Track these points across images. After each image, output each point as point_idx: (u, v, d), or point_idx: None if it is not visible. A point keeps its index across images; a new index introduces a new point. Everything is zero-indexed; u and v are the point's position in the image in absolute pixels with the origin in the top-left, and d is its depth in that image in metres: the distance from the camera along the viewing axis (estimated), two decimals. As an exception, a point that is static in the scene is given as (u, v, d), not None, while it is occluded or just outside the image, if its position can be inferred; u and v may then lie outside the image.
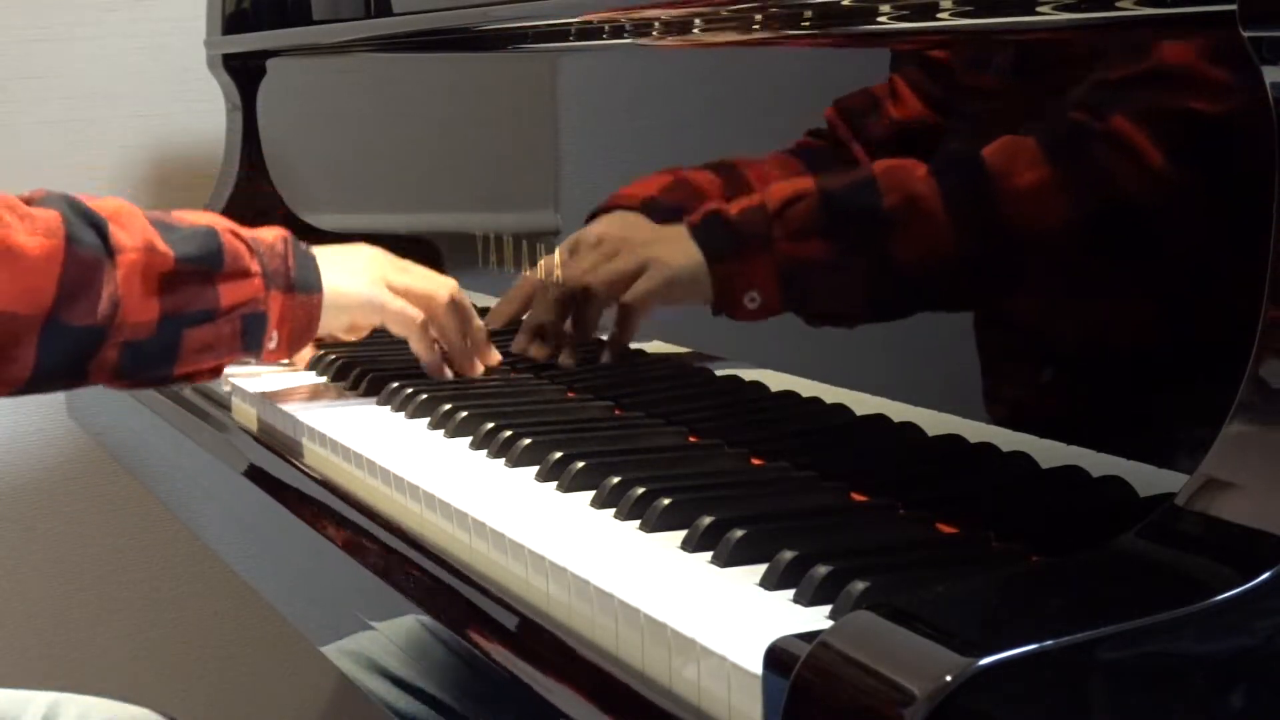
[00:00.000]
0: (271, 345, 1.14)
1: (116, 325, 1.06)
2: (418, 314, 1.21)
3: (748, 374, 1.08)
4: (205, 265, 1.10)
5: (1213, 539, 0.64)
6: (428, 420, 1.13)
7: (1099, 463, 0.79)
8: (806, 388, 1.01)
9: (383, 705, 1.00)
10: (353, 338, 1.28)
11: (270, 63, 1.87)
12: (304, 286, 1.15)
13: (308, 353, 1.33)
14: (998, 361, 0.87)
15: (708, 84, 1.13)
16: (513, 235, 1.35)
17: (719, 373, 1.11)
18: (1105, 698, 0.58)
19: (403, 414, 1.16)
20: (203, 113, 2.04)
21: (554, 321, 1.23)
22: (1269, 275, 0.65)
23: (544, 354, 1.23)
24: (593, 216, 1.22)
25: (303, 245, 1.17)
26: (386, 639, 0.98)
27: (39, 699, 1.22)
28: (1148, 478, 0.76)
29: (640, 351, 1.18)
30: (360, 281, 1.20)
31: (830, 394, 0.99)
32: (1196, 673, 0.60)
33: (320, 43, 1.79)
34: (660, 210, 1.14)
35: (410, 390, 1.18)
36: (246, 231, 1.14)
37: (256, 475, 1.20)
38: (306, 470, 1.13)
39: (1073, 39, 0.81)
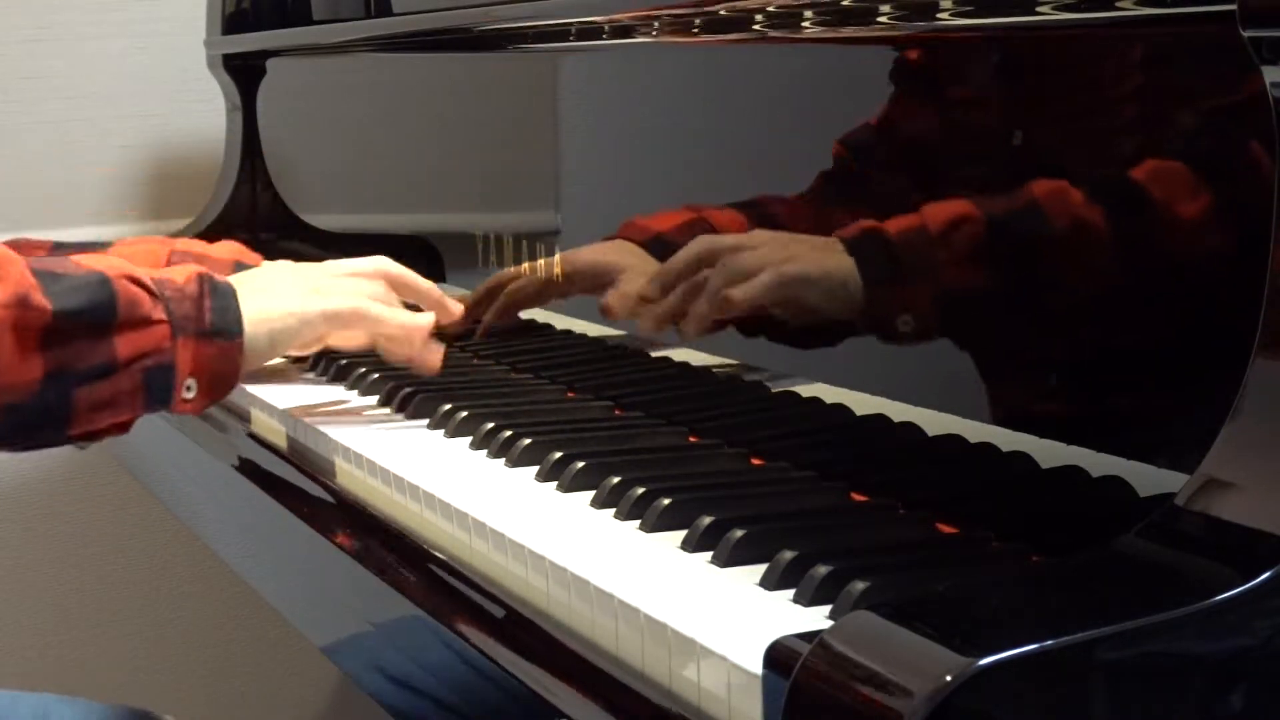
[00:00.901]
0: (189, 395, 1.06)
1: None
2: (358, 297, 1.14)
3: (748, 374, 1.08)
4: (94, 318, 1.00)
5: (1213, 539, 0.64)
6: (427, 420, 1.13)
7: (1099, 463, 0.79)
8: (806, 388, 1.01)
9: (382, 705, 1.00)
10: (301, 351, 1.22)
11: (270, 63, 1.87)
12: (222, 332, 1.06)
13: None
14: (997, 361, 0.87)
15: (708, 84, 1.13)
16: (513, 235, 1.35)
17: (719, 373, 1.11)
18: (1105, 698, 0.58)
19: (402, 414, 1.16)
20: (203, 113, 2.04)
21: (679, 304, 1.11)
22: (1269, 275, 0.65)
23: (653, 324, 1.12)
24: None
25: (221, 283, 1.08)
26: (386, 639, 0.98)
27: (28, 700, 1.22)
28: (1148, 478, 0.76)
29: (640, 352, 1.18)
30: (289, 301, 1.11)
31: (830, 394, 0.99)
32: (1196, 673, 0.60)
33: (320, 43, 1.79)
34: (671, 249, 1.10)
35: (410, 390, 1.18)
36: (153, 274, 1.05)
37: (253, 474, 1.20)
38: (305, 470, 1.13)
39: (1071, 38, 0.81)
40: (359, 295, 1.15)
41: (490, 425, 1.06)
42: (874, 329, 0.95)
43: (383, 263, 1.18)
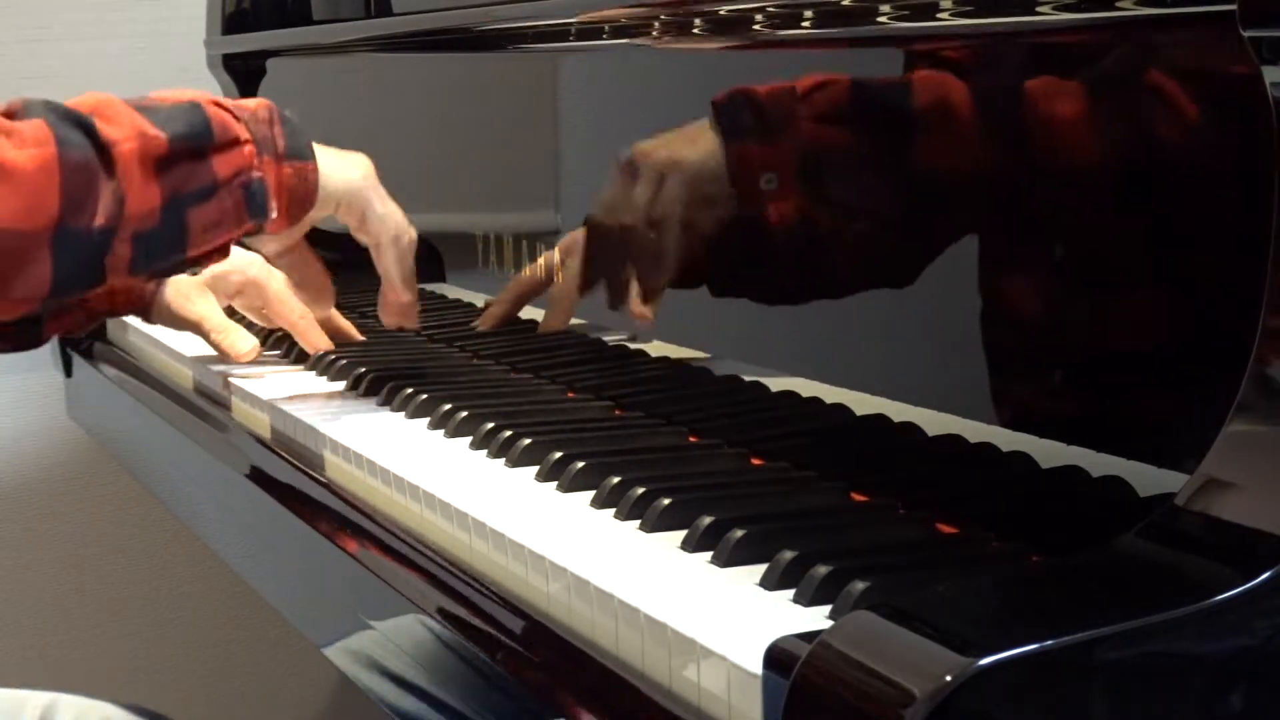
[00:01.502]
0: (273, 215, 1.12)
1: (124, 219, 1.03)
2: (408, 229, 1.20)
3: (748, 374, 1.08)
4: (196, 141, 1.07)
5: (1213, 539, 0.64)
6: (427, 420, 1.13)
7: (1099, 463, 0.79)
8: (806, 388, 1.01)
9: (383, 705, 1.00)
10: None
11: (270, 63, 1.87)
12: (296, 154, 1.12)
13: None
14: (998, 361, 0.87)
15: (708, 84, 1.13)
16: (513, 235, 1.35)
17: (719, 373, 1.11)
18: (1105, 698, 0.58)
19: (402, 414, 1.16)
20: (203, 113, 2.04)
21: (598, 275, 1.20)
22: (1269, 275, 0.65)
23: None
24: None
25: (289, 114, 1.14)
26: (386, 639, 0.98)
27: (36, 699, 1.22)
28: (1148, 478, 0.76)
29: (641, 352, 1.18)
30: (355, 173, 1.17)
31: (830, 394, 0.99)
32: (1196, 673, 0.60)
33: (320, 43, 1.79)
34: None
35: (410, 390, 1.18)
36: (229, 101, 1.12)
37: (254, 475, 1.20)
38: (305, 470, 1.13)
39: (1072, 38, 0.81)
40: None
41: (490, 425, 1.06)
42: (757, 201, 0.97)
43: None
